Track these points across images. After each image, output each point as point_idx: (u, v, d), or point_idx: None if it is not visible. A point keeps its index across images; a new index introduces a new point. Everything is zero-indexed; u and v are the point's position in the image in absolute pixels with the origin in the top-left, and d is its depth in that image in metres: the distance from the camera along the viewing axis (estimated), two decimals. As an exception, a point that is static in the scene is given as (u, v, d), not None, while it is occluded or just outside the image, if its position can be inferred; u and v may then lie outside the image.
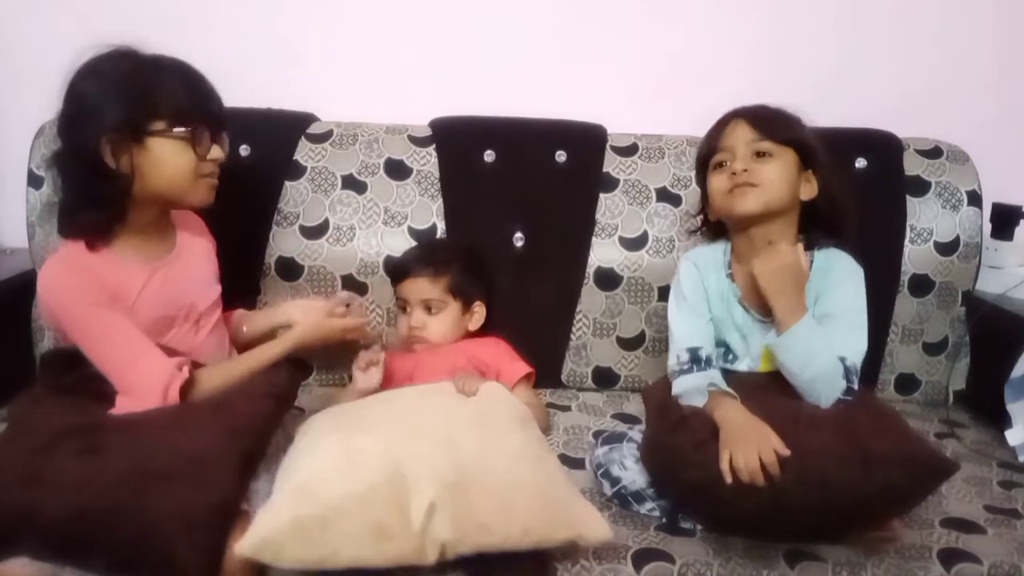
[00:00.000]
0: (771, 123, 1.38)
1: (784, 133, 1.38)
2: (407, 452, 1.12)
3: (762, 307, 1.37)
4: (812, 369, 1.28)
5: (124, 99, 1.23)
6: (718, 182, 1.41)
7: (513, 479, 1.13)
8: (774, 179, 1.36)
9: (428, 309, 1.56)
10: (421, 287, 1.56)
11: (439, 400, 1.31)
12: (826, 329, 1.32)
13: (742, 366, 1.41)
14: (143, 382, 1.23)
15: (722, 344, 1.43)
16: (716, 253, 1.47)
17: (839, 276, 1.38)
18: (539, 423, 1.39)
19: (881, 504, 1.17)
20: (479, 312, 1.60)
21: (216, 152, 1.31)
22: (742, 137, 1.38)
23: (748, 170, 1.36)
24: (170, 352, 1.31)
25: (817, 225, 1.41)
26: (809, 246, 1.41)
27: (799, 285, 1.33)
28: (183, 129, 1.26)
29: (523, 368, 1.56)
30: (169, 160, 1.27)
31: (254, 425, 1.23)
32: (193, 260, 1.40)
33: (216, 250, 1.48)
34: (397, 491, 1.08)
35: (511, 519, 1.09)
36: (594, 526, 1.14)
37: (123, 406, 1.23)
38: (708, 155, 1.43)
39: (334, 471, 1.11)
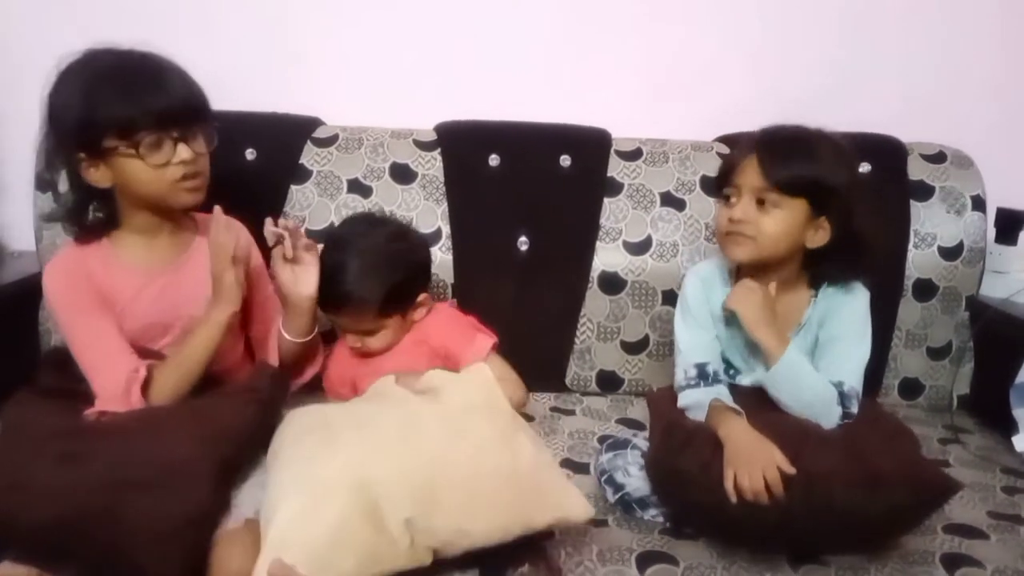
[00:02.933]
0: (783, 169, 1.29)
1: (795, 183, 1.29)
2: (371, 468, 1.09)
3: None
4: (803, 400, 1.30)
5: (76, 119, 1.22)
6: (721, 217, 1.37)
7: (476, 472, 1.10)
8: (771, 233, 1.31)
9: (366, 333, 1.46)
10: (352, 320, 1.45)
11: (397, 401, 1.27)
12: (827, 354, 1.34)
13: (746, 381, 1.41)
14: (109, 389, 1.25)
15: (726, 361, 1.43)
16: (721, 269, 1.46)
17: (842, 301, 1.38)
18: (513, 397, 1.35)
19: (886, 525, 1.17)
20: (424, 303, 1.50)
21: (182, 153, 1.25)
22: (750, 180, 1.31)
23: (746, 221, 1.31)
24: (157, 357, 1.31)
25: (827, 266, 1.37)
26: (815, 283, 1.39)
27: (773, 315, 1.33)
28: (132, 146, 1.22)
29: (485, 344, 1.48)
30: (131, 174, 1.25)
31: (233, 433, 1.21)
32: (205, 270, 1.36)
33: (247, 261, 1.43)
34: (371, 514, 1.06)
35: (482, 517, 1.09)
36: (573, 505, 1.13)
37: (97, 407, 1.25)
38: (721, 181, 1.39)
39: (302, 513, 1.06)
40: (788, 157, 1.31)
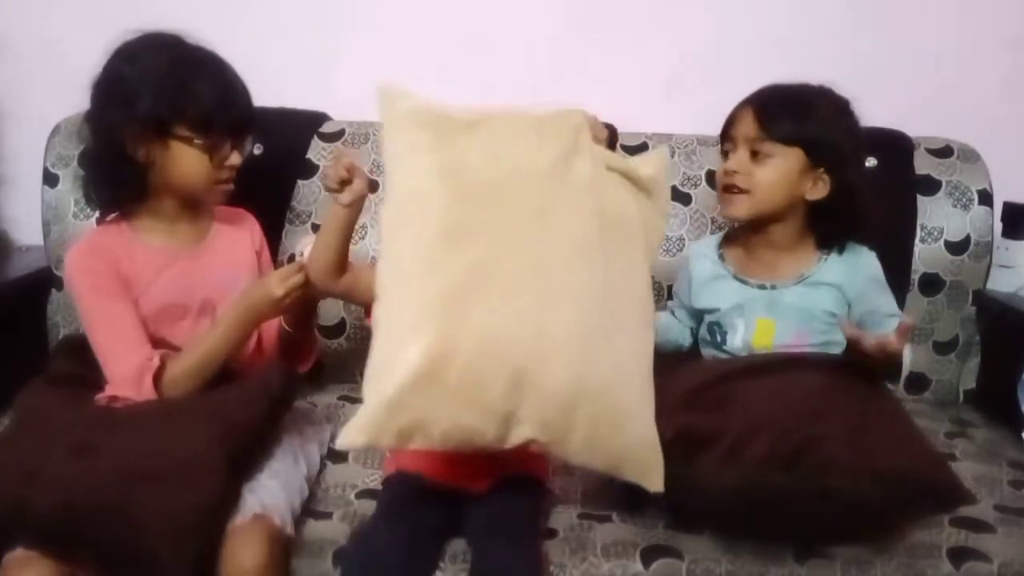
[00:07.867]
0: (778, 118, 1.32)
1: (789, 131, 1.32)
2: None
3: (761, 271, 1.40)
4: None
5: (154, 95, 1.25)
6: (718, 172, 1.41)
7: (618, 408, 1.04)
8: (766, 184, 1.33)
9: None
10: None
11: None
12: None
13: (736, 342, 1.40)
14: (120, 374, 1.26)
15: (717, 328, 1.43)
16: (710, 241, 1.52)
17: (855, 267, 1.39)
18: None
19: (885, 519, 1.17)
20: None
21: (235, 159, 1.33)
22: (744, 130, 1.34)
23: (740, 172, 1.33)
24: (168, 347, 1.32)
25: (832, 223, 1.38)
26: (822, 245, 1.41)
27: None
28: (204, 141, 1.28)
29: None
30: (185, 164, 1.29)
31: (246, 428, 1.21)
32: (223, 256, 1.40)
33: (260, 251, 1.48)
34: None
35: (596, 453, 1.05)
36: (653, 480, 1.09)
37: (108, 392, 1.27)
38: (721, 139, 1.42)
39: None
40: (783, 107, 1.34)
